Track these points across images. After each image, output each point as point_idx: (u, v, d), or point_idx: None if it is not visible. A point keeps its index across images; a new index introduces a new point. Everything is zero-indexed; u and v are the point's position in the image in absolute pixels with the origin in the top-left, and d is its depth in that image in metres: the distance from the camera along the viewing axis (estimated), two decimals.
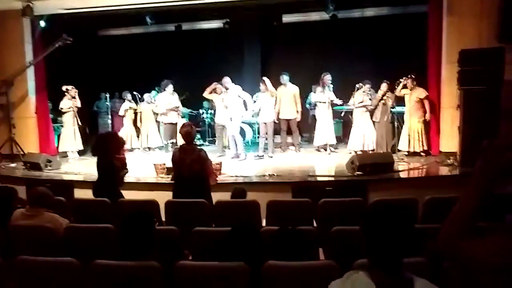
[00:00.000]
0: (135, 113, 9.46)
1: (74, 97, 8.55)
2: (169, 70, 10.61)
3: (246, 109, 8.32)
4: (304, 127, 9.57)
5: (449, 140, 6.91)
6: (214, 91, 8.31)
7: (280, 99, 8.43)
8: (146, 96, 9.44)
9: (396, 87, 7.52)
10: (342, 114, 8.84)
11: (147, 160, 7.75)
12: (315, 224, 4.00)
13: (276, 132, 8.73)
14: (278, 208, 4.03)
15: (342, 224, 3.35)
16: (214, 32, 10.87)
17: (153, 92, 9.83)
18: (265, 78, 8.19)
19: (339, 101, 8.30)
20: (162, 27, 10.78)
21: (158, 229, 3.37)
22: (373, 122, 7.94)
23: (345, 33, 10.03)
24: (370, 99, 7.93)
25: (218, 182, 5.14)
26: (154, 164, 6.50)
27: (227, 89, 8.02)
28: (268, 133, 8.18)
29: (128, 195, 4.99)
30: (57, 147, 8.74)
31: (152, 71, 10.71)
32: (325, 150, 8.33)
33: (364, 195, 5.20)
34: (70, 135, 8.58)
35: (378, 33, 9.74)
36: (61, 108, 8.56)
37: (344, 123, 9.29)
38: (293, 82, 8.64)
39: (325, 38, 10.23)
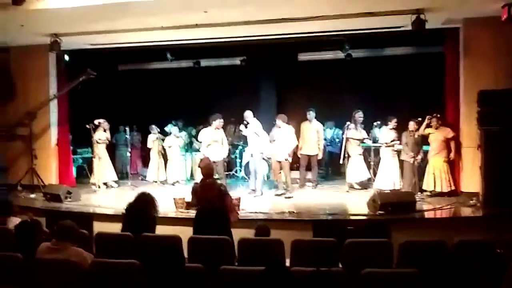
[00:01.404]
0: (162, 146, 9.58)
1: (105, 130, 8.88)
2: (187, 105, 10.80)
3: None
4: (320, 163, 9.53)
5: (471, 180, 6.84)
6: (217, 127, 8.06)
7: (303, 134, 8.44)
8: (173, 129, 9.55)
9: (416, 126, 7.48)
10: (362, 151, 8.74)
11: (167, 194, 7.73)
12: (340, 265, 3.92)
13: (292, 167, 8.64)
14: (302, 247, 3.97)
15: (368, 265, 3.28)
16: (231, 68, 11.10)
17: (169, 126, 9.98)
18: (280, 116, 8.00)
19: (369, 141, 8.28)
20: (181, 63, 11.04)
21: (185, 267, 3.35)
22: (402, 160, 7.70)
23: (360, 72, 10.17)
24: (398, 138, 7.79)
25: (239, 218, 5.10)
26: (174, 198, 6.49)
27: (248, 123, 8.02)
28: (284, 171, 7.85)
29: None
30: (75, 179, 8.83)
31: (170, 105, 10.92)
32: (358, 187, 8.10)
33: (387, 235, 5.11)
34: (107, 166, 8.88)
35: (393, 72, 9.87)
36: (99, 139, 8.78)
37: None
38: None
39: (340, 76, 10.36)
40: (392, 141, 7.79)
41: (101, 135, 8.84)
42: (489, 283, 2.53)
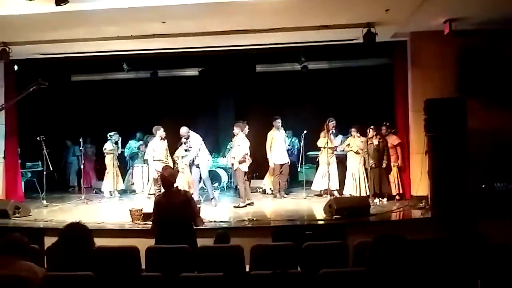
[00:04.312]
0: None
1: (116, 143, 9.11)
2: (144, 116, 10.63)
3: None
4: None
5: (420, 184, 7.19)
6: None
7: (273, 143, 8.41)
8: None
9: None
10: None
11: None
12: (299, 269, 3.99)
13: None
14: (262, 253, 4.00)
15: (325, 266, 3.36)
16: (189, 79, 11.08)
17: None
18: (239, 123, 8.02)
19: (340, 147, 8.48)
20: (138, 73, 10.87)
21: (142, 276, 3.29)
22: (365, 168, 7.97)
23: (316, 83, 10.48)
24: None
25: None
26: (130, 210, 6.34)
27: (187, 138, 8.00)
28: (237, 180, 7.91)
29: (104, 242, 4.82)
30: (24, 193, 8.39)
31: (126, 116, 10.70)
32: (326, 195, 8.07)
33: (343, 238, 5.25)
34: (111, 177, 9.06)
35: (347, 82, 10.27)
36: (105, 149, 9.17)
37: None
38: (266, 128, 8.79)
39: (296, 87, 10.62)
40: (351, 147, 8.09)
41: (108, 146, 9.11)
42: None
